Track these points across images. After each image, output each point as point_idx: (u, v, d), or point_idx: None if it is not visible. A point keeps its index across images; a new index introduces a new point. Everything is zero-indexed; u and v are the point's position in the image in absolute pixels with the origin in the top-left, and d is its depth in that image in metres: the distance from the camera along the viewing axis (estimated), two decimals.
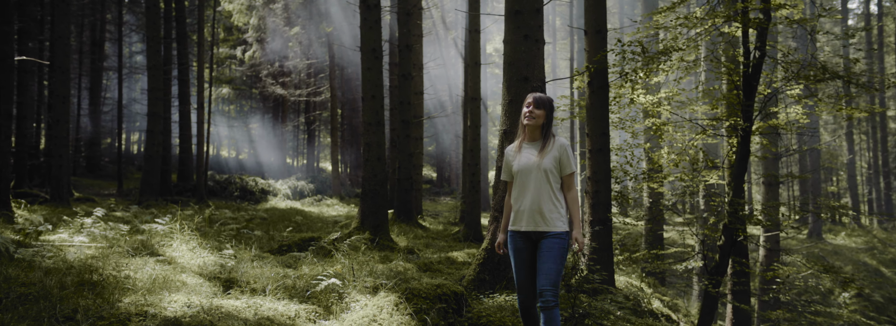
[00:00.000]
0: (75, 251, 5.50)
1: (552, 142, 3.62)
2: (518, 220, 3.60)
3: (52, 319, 3.71)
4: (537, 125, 3.62)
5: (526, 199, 3.57)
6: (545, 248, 3.48)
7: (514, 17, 6.14)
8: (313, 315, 4.37)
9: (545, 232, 3.51)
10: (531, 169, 3.55)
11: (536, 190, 3.53)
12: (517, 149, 3.70)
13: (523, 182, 3.58)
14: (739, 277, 9.46)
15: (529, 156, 3.60)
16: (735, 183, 8.07)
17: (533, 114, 3.59)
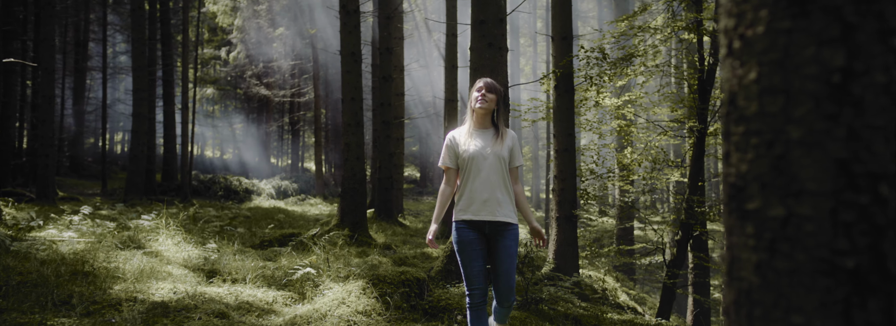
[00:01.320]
0: (67, 244, 5.91)
1: (505, 130, 3.48)
2: (471, 209, 3.34)
3: (50, 303, 4.13)
4: (488, 110, 3.43)
5: (481, 187, 3.32)
6: (503, 246, 3.32)
7: (479, 26, 6.63)
8: (289, 301, 4.82)
9: (502, 222, 3.31)
10: (487, 156, 3.34)
11: (493, 178, 3.32)
12: (468, 135, 3.45)
13: (476, 169, 3.33)
14: (699, 270, 10.02)
15: (484, 143, 3.39)
16: (691, 181, 8.63)
17: (485, 97, 3.39)
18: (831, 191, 0.88)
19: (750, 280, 0.99)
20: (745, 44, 0.99)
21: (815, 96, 0.89)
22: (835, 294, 0.89)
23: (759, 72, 0.96)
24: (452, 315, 4.45)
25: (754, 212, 0.97)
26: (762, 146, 0.95)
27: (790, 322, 0.92)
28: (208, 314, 4.11)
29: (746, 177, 0.98)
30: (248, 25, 27.71)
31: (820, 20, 0.90)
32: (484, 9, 6.61)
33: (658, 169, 9.96)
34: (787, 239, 0.92)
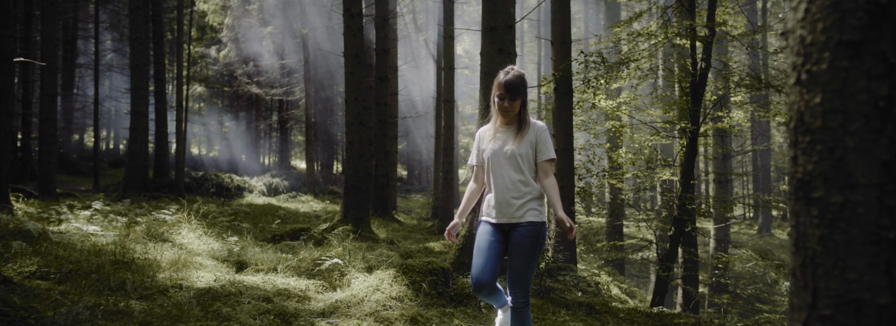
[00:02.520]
0: (103, 237, 6.17)
1: (529, 126, 3.30)
2: (488, 211, 3.32)
3: (107, 289, 4.41)
4: (513, 115, 3.29)
5: (498, 188, 3.25)
6: (517, 243, 3.18)
7: (489, 32, 6.98)
8: (320, 289, 5.14)
9: (518, 223, 3.21)
10: (504, 156, 3.24)
11: (510, 179, 3.23)
12: (492, 133, 3.36)
13: (495, 169, 3.26)
14: (689, 264, 10.47)
15: (503, 142, 3.29)
16: (683, 180, 9.06)
17: (509, 107, 3.24)
18: (878, 184, 1.25)
19: (814, 248, 1.35)
20: (812, 76, 1.35)
21: (866, 116, 1.26)
22: (880, 257, 1.26)
23: (822, 97, 1.32)
24: (476, 301, 4.80)
25: (818, 199, 1.34)
26: (825, 151, 1.31)
27: (846, 277, 1.29)
28: (255, 299, 4.43)
29: (812, 174, 1.34)
30: (237, 24, 27.83)
31: (870, 61, 1.27)
32: (494, 16, 6.96)
33: (651, 168, 10.38)
34: (844, 219, 1.29)
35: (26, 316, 2.93)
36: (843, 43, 1.27)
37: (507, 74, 3.26)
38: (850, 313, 1.27)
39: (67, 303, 3.42)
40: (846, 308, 1.28)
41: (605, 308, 5.30)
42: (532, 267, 3.20)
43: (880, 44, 1.23)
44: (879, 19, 1.23)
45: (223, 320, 3.78)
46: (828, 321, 1.30)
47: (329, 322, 4.04)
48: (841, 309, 1.28)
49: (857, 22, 1.26)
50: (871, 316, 1.24)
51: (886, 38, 1.23)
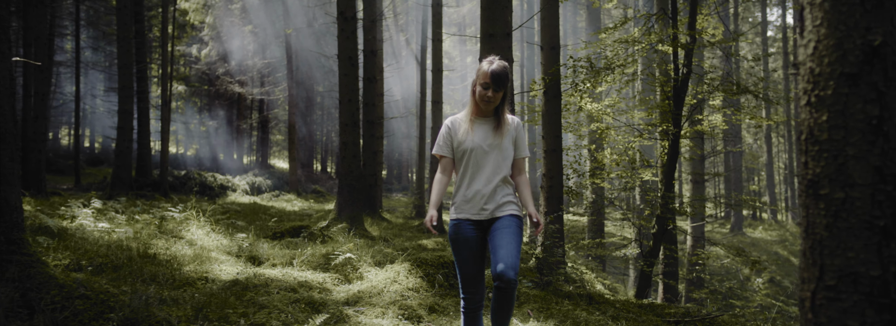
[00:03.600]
0: (123, 232, 6.40)
1: (507, 122, 3.23)
2: (468, 207, 3.15)
3: (140, 280, 4.68)
4: (493, 107, 3.19)
5: (479, 183, 3.13)
6: (501, 226, 3.07)
7: (488, 39, 7.33)
8: (336, 281, 5.46)
9: (499, 218, 3.14)
10: (486, 150, 3.14)
11: (492, 174, 3.13)
12: (468, 124, 3.20)
13: (476, 163, 3.14)
14: (669, 260, 10.95)
15: (485, 134, 3.16)
16: (666, 180, 9.50)
17: (492, 97, 3.13)
18: (871, 184, 1.64)
19: (821, 234, 1.73)
20: (819, 99, 1.73)
21: (862, 131, 1.65)
22: (872, 240, 1.64)
23: (828, 116, 1.71)
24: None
25: (825, 195, 1.72)
26: (830, 157, 1.70)
27: (846, 256, 1.67)
28: (282, 289, 4.73)
29: (820, 175, 1.72)
30: (219, 23, 27.84)
31: (865, 89, 1.65)
32: (492, 24, 7.31)
33: (634, 168, 10.84)
34: (845, 210, 1.67)
35: (105, 299, 3.21)
36: (845, 74, 1.65)
37: (492, 64, 3.13)
38: (850, 283, 1.66)
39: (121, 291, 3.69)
40: (846, 279, 1.66)
41: (602, 299, 5.70)
42: (519, 245, 3.07)
43: (873, 76, 1.62)
44: (872, 57, 1.62)
45: (261, 307, 4.08)
46: (832, 289, 1.68)
47: (356, 310, 4.36)
48: (842, 280, 1.67)
49: (855, 58, 1.64)
50: (865, 285, 1.63)
51: (877, 71, 1.62)
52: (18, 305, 2.90)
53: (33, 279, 3.05)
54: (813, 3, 1.72)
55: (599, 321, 4.70)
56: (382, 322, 4.14)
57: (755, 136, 34.16)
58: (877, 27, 1.60)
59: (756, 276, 15.76)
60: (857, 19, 1.62)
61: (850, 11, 1.62)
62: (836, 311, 1.67)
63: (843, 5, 1.64)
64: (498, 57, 3.25)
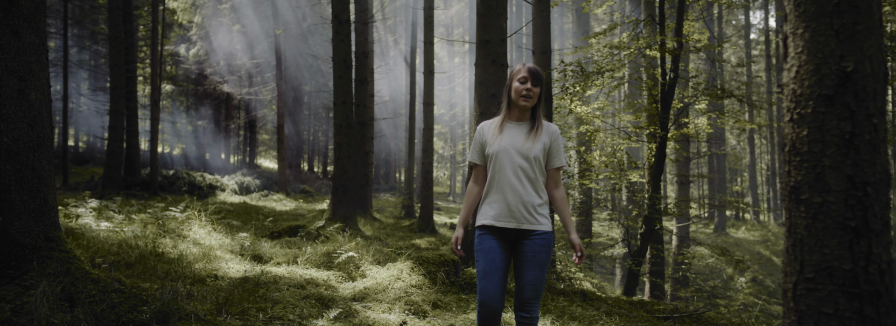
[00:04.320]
0: (130, 232, 6.58)
1: (543, 127, 3.04)
2: (494, 214, 2.96)
3: (154, 276, 4.87)
4: (532, 105, 3.01)
5: (507, 189, 2.94)
6: (531, 253, 2.91)
7: (484, 45, 7.58)
8: (340, 279, 5.68)
9: (530, 231, 2.94)
10: (517, 155, 2.96)
11: (521, 179, 2.95)
12: (498, 128, 3.04)
13: (502, 167, 2.97)
14: (655, 259, 11.26)
15: (515, 138, 3.00)
16: (653, 181, 9.81)
17: (531, 92, 2.96)
18: (844, 190, 1.90)
19: (802, 233, 2.00)
20: (801, 117, 2.00)
21: (837, 144, 1.91)
22: (845, 238, 1.91)
23: (808, 131, 1.97)
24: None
25: (805, 200, 1.98)
26: (810, 167, 1.96)
27: (823, 252, 1.94)
28: (291, 286, 4.94)
29: (801, 182, 1.98)
30: (208, 23, 27.87)
31: (839, 108, 1.92)
32: (488, 30, 7.56)
33: (622, 169, 11.14)
34: (822, 213, 1.94)
35: (138, 293, 3.41)
36: (822, 95, 1.92)
37: (526, 64, 3.02)
38: (825, 276, 1.92)
39: (149, 286, 3.89)
40: (823, 272, 1.93)
41: (595, 296, 5.97)
42: (545, 272, 2.96)
43: (846, 97, 1.88)
44: (845, 81, 1.88)
45: (275, 302, 4.30)
46: (810, 281, 1.95)
47: (364, 306, 4.58)
48: (819, 273, 1.93)
49: (831, 82, 1.91)
50: (838, 277, 1.89)
51: (850, 93, 1.88)
52: (60, 298, 3.11)
53: (71, 274, 3.25)
54: (795, 33, 1.98)
55: (594, 316, 4.96)
56: (390, 317, 4.37)
57: (738, 138, 34.72)
58: (849, 56, 1.86)
59: (739, 275, 16.16)
60: (832, 48, 1.88)
61: (827, 41, 1.89)
62: (814, 300, 1.93)
63: (820, 36, 1.90)
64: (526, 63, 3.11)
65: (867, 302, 1.82)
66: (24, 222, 3.25)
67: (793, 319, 1.97)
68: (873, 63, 1.84)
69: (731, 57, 35.09)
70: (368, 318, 4.26)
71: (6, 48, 3.21)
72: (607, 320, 4.91)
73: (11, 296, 3.01)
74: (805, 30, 1.93)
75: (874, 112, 1.84)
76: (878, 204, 1.83)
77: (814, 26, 1.90)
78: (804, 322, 1.92)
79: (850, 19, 1.84)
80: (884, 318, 1.81)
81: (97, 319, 3.14)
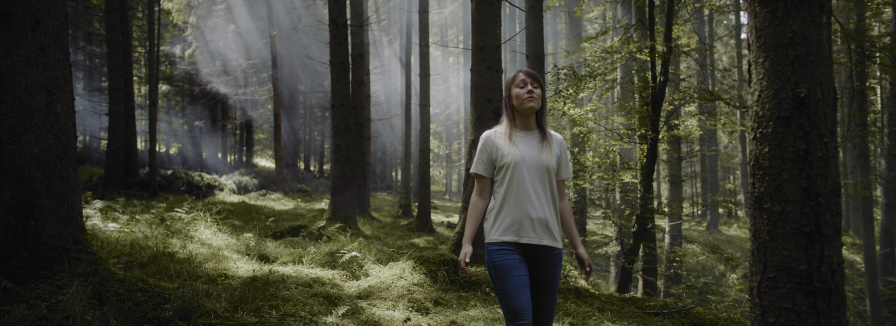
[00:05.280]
0: (141, 232, 6.82)
1: (551, 135, 2.93)
2: (514, 229, 2.80)
3: (166, 276, 5.11)
4: (537, 108, 2.88)
5: (526, 202, 2.79)
6: (551, 275, 2.81)
7: (479, 51, 7.83)
8: (344, 278, 5.93)
9: (549, 247, 2.81)
10: (535, 166, 2.82)
11: (541, 192, 2.82)
12: (508, 137, 2.87)
13: (520, 180, 2.80)
14: (648, 257, 11.56)
15: (530, 148, 2.85)
16: (645, 182, 10.08)
17: (534, 94, 2.84)
18: (800, 200, 2.18)
19: (764, 238, 2.27)
20: (762, 135, 2.27)
21: (793, 160, 2.19)
22: (801, 242, 2.19)
23: (769, 148, 2.24)
24: (482, 288, 5.67)
25: (767, 209, 2.25)
26: (771, 180, 2.23)
27: (782, 254, 2.21)
28: (298, 285, 5.20)
29: (763, 193, 2.25)
30: (203, 24, 28.05)
31: (795, 128, 2.19)
32: (483, 37, 7.82)
33: (614, 170, 11.43)
34: (781, 220, 2.21)
35: (161, 292, 3.66)
36: (780, 117, 2.18)
37: (520, 70, 2.95)
38: (785, 275, 2.19)
39: (165, 285, 4.13)
40: (782, 272, 2.19)
41: (588, 293, 6.24)
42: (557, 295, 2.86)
43: (800, 119, 2.15)
44: (800, 105, 2.14)
45: (285, 300, 4.55)
46: (772, 280, 2.21)
47: (369, 303, 4.84)
48: (780, 273, 2.20)
49: (788, 105, 2.17)
50: (796, 276, 2.16)
51: (804, 116, 2.15)
52: (90, 297, 3.35)
53: (99, 274, 3.49)
54: (757, 61, 2.25)
55: (587, 312, 5.23)
56: (394, 313, 4.63)
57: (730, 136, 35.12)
58: (803, 83, 2.13)
59: (731, 272, 16.48)
60: (788, 76, 2.15)
61: (784, 69, 2.15)
62: (775, 296, 2.20)
63: (778, 65, 2.17)
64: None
65: (820, 298, 2.09)
66: (54, 226, 3.50)
67: (758, 313, 2.24)
68: (823, 89, 2.11)
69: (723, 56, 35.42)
70: (374, 315, 4.51)
71: (34, 64, 3.44)
72: (600, 316, 5.18)
73: (46, 295, 3.25)
74: (765, 59, 2.19)
75: (825, 132, 2.11)
76: (829, 213, 2.10)
77: (772, 56, 2.16)
78: (767, 316, 2.19)
79: (803, 51, 2.10)
80: (834, 311, 2.08)
81: (125, 316, 3.39)
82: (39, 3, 3.38)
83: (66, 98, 3.64)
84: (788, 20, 2.13)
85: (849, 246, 25.14)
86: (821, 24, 2.11)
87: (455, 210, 25.29)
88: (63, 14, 3.54)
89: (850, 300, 18.89)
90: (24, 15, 3.34)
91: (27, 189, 3.37)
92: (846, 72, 18.24)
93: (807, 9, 2.11)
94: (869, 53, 10.19)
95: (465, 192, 7.82)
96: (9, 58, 3.31)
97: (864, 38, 10.37)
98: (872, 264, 14.62)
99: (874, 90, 22.98)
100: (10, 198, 3.32)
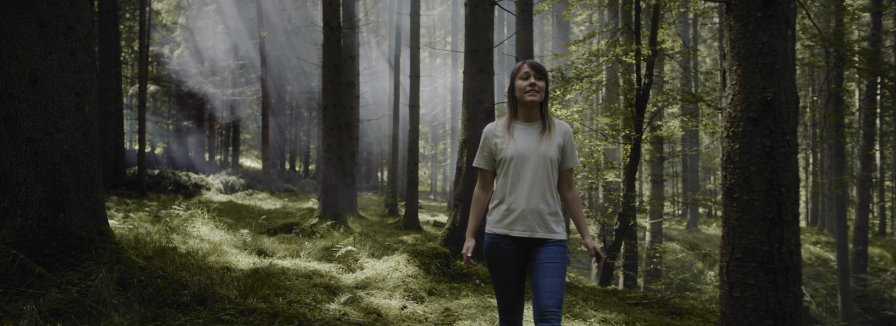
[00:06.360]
0: (144, 229, 7.03)
1: (553, 124, 2.91)
2: (506, 222, 2.85)
3: (175, 267, 5.35)
4: (540, 101, 2.88)
5: (521, 195, 2.82)
6: (546, 259, 2.77)
7: (472, 54, 8.13)
8: (341, 270, 6.20)
9: (544, 239, 2.82)
10: (531, 156, 2.83)
11: (536, 185, 2.83)
12: (507, 130, 2.89)
13: (518, 172, 2.84)
14: (629, 254, 11.93)
15: (529, 140, 2.86)
16: (628, 181, 10.43)
17: (536, 87, 2.84)
18: (765, 190, 2.51)
19: (733, 223, 2.60)
20: (734, 134, 2.60)
21: (760, 155, 2.52)
22: (765, 227, 2.52)
23: (740, 145, 2.57)
24: (473, 279, 5.97)
25: (736, 198, 2.58)
26: (740, 173, 2.56)
27: (748, 238, 2.54)
28: (298, 276, 5.46)
29: (734, 185, 2.58)
30: (192, 24, 28.13)
31: (762, 128, 2.53)
32: (476, 41, 8.12)
33: (599, 169, 11.78)
34: (748, 208, 2.55)
35: (179, 279, 3.91)
36: (750, 118, 2.49)
37: (525, 61, 2.93)
38: (750, 255, 2.50)
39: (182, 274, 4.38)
40: (748, 253, 2.50)
41: (572, 285, 6.56)
42: (564, 281, 2.79)
43: (767, 120, 2.46)
44: (767, 107, 2.45)
45: (289, 290, 4.81)
46: (739, 260, 2.52)
47: (367, 293, 5.12)
48: (745, 254, 2.51)
49: (756, 107, 2.48)
50: (759, 256, 2.47)
51: (770, 117, 2.46)
52: (115, 283, 3.60)
53: (122, 263, 3.74)
54: (731, 69, 2.56)
55: (571, 301, 5.54)
56: (391, 302, 4.90)
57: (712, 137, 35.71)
58: (770, 88, 2.44)
59: (708, 269, 16.92)
60: (757, 82, 2.46)
61: (753, 76, 2.46)
62: (741, 274, 2.51)
63: (748, 72, 2.48)
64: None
65: (780, 275, 2.40)
66: (81, 218, 3.74)
67: (726, 289, 2.55)
68: (787, 93, 2.42)
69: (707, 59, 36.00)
70: (373, 303, 4.79)
71: (66, 67, 3.69)
72: (584, 304, 5.49)
73: (76, 280, 3.50)
74: (738, 67, 2.50)
75: (787, 131, 2.42)
76: (789, 201, 2.41)
77: (744, 65, 2.48)
78: (734, 291, 2.50)
79: (771, 60, 2.41)
80: (791, 286, 2.39)
81: (147, 301, 3.64)
82: (71, 11, 3.62)
83: (92, 99, 3.89)
84: (759, 33, 2.44)
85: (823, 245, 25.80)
86: (786, 36, 2.42)
87: (441, 209, 25.58)
88: (91, 21, 3.78)
89: (823, 296, 19.49)
90: (58, 22, 3.59)
91: (58, 183, 3.62)
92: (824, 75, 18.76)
93: (775, 23, 2.43)
94: (845, 58, 10.61)
95: (454, 190, 8.10)
96: (43, 62, 3.55)
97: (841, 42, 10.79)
98: (845, 261, 15.11)
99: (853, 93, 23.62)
100: (43, 192, 3.56)
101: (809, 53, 20.47)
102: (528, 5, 9.35)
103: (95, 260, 3.65)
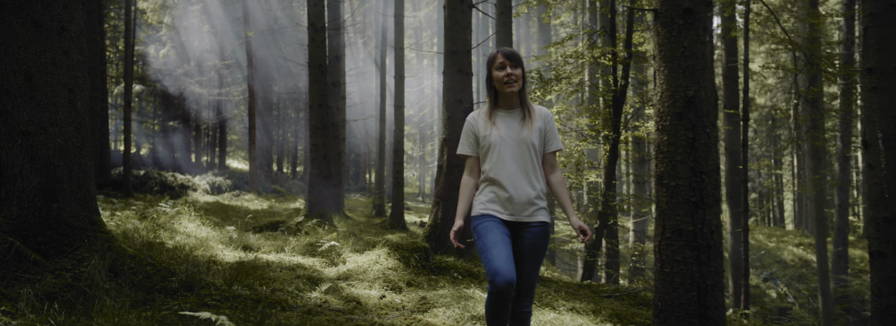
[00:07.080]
0: (131, 225, 7.27)
1: (534, 111, 3.02)
2: (492, 207, 2.95)
3: (162, 259, 5.60)
4: (518, 90, 2.98)
5: (505, 182, 2.91)
6: (528, 244, 2.91)
7: (451, 55, 8.42)
8: (323, 264, 6.46)
9: (529, 222, 2.93)
10: (515, 143, 2.92)
11: (520, 169, 2.92)
12: (488, 118, 3.00)
13: (502, 158, 2.92)
14: (610, 253, 12.25)
15: (509, 127, 2.96)
16: (607, 180, 10.74)
17: (512, 76, 2.93)
18: (689, 177, 2.84)
19: (664, 207, 2.92)
20: (663, 127, 2.92)
21: (684, 146, 2.85)
22: (689, 209, 2.84)
23: (668, 137, 2.90)
24: (450, 272, 6.25)
25: (666, 184, 2.91)
26: (668, 161, 2.89)
27: (675, 219, 2.86)
28: (282, 269, 5.72)
29: (663, 172, 2.90)
30: (178, 24, 28.29)
31: (686, 121, 2.85)
32: (455, 42, 8.41)
33: (579, 170, 12.10)
34: (676, 193, 2.87)
35: (167, 267, 4.17)
36: (675, 113, 2.79)
37: (500, 50, 3.01)
38: (677, 235, 2.80)
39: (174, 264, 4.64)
40: (675, 233, 2.80)
41: (546, 278, 6.85)
42: (539, 272, 2.97)
43: (690, 114, 2.76)
44: (689, 103, 2.76)
45: (273, 280, 5.08)
46: (669, 239, 2.82)
47: (348, 283, 5.39)
48: (674, 234, 2.81)
49: (681, 103, 2.79)
50: (685, 236, 2.77)
51: (692, 112, 2.76)
52: (107, 269, 3.86)
53: (113, 251, 4.00)
54: (659, 70, 2.86)
55: (544, 292, 5.84)
56: (371, 292, 5.18)
57: None
58: (692, 86, 2.75)
59: None
60: (681, 81, 2.76)
61: (677, 76, 2.76)
62: (670, 251, 2.81)
63: (673, 72, 2.78)
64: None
65: (702, 252, 2.71)
66: (73, 208, 3.99)
67: (658, 266, 2.85)
68: (706, 91, 2.73)
69: None
70: (353, 292, 5.06)
71: (59, 65, 3.94)
72: (555, 295, 5.79)
73: (69, 266, 3.75)
74: (665, 68, 2.81)
75: (707, 124, 2.73)
76: (710, 187, 2.72)
77: (670, 66, 2.78)
78: (664, 267, 2.80)
79: (692, 62, 2.72)
80: (712, 262, 2.69)
81: (137, 287, 3.90)
82: (64, 12, 3.88)
83: (84, 95, 4.14)
84: (681, 38, 2.75)
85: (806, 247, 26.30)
86: (705, 41, 2.73)
87: (428, 210, 25.85)
88: (82, 21, 4.05)
89: (806, 298, 19.91)
90: (52, 22, 3.84)
91: (51, 175, 3.87)
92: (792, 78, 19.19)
93: (694, 30, 2.74)
94: (813, 62, 10.98)
95: (435, 188, 8.38)
96: (38, 60, 3.81)
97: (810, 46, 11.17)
98: (824, 262, 15.47)
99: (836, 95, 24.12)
100: (38, 183, 3.82)
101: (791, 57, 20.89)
102: (507, 8, 9.66)
103: (87, 247, 3.91)
